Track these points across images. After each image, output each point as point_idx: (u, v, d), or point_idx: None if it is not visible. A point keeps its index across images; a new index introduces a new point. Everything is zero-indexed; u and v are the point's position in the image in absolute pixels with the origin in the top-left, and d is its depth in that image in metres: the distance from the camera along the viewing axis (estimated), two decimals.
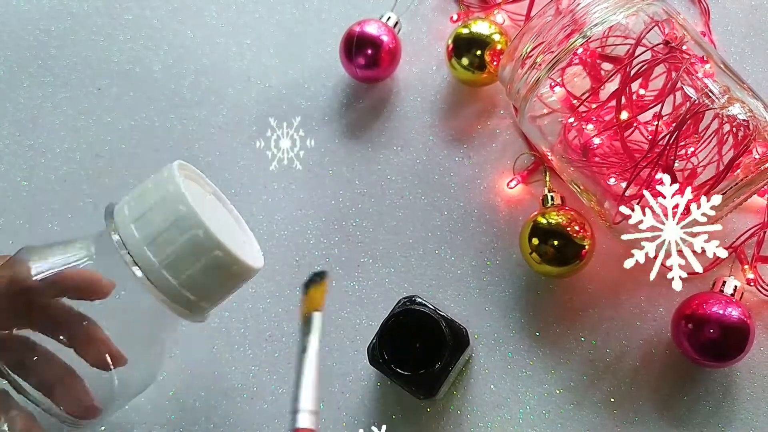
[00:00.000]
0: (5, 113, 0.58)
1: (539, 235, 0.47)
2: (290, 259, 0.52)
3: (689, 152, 0.44)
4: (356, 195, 0.54)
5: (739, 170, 0.42)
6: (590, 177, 0.46)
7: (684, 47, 0.44)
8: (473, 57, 0.52)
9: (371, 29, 0.54)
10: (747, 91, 0.44)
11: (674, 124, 0.42)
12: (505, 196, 0.52)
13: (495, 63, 0.52)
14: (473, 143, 0.54)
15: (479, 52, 0.52)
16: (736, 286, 0.46)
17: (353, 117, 0.56)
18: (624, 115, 0.43)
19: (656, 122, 0.43)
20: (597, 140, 0.45)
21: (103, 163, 0.56)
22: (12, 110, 0.58)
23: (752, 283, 0.47)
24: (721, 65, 0.44)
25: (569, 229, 0.47)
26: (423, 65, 0.57)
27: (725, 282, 0.47)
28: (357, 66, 0.54)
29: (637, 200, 0.43)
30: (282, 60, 0.58)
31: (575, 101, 0.47)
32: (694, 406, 0.47)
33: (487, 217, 0.52)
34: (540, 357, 0.49)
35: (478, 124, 0.55)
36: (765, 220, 0.49)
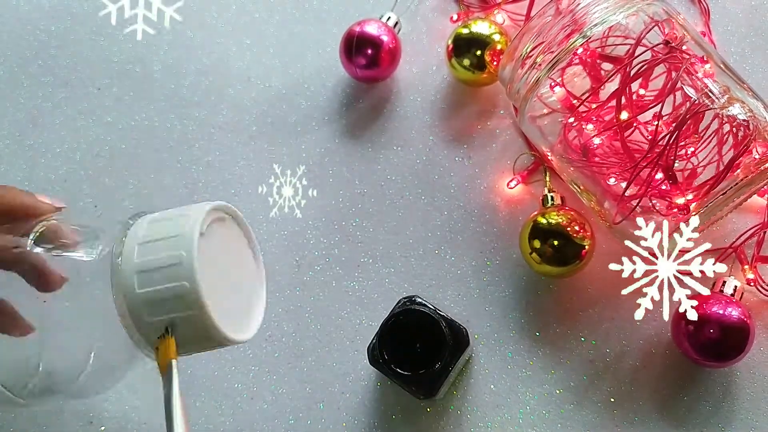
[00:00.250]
0: (5, 113, 0.58)
1: (539, 235, 0.47)
2: (290, 259, 0.52)
3: (689, 152, 0.44)
4: (356, 195, 0.54)
5: (739, 170, 0.42)
6: (590, 177, 0.46)
7: (684, 47, 0.44)
8: (473, 57, 0.52)
9: (371, 29, 0.54)
10: (747, 91, 0.44)
11: (674, 124, 0.42)
12: (505, 196, 0.52)
13: (495, 63, 0.52)
14: (473, 143, 0.54)
15: (479, 52, 0.52)
16: (736, 286, 0.46)
17: (353, 117, 0.56)
18: (624, 115, 0.43)
19: (656, 122, 0.43)
20: (597, 140, 0.45)
21: (103, 163, 0.56)
22: (12, 110, 0.58)
23: (752, 283, 0.47)
24: (721, 65, 0.44)
25: (569, 229, 0.47)
26: (423, 65, 0.56)
27: (725, 282, 0.47)
28: (357, 66, 0.54)
29: (637, 200, 0.43)
30: (282, 60, 0.58)
31: (575, 101, 0.47)
32: (694, 406, 0.47)
33: (487, 217, 0.52)
34: (540, 357, 0.49)
35: (478, 124, 0.55)
36: (765, 220, 0.49)
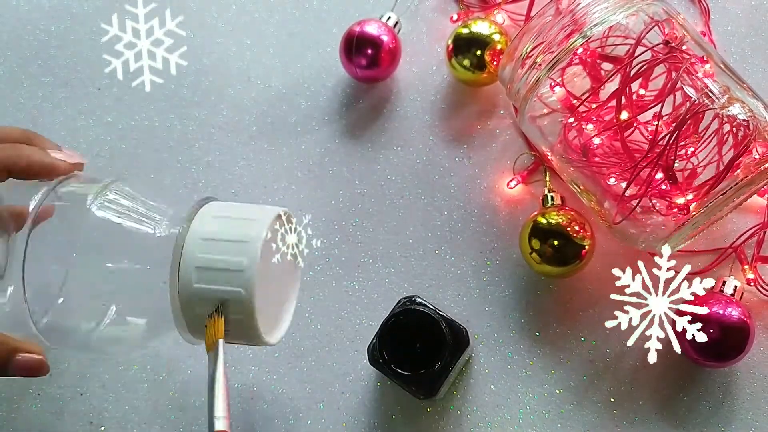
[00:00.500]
0: (5, 113, 0.58)
1: (539, 235, 0.47)
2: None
3: (689, 152, 0.44)
4: (356, 195, 0.54)
5: (739, 170, 0.42)
6: (590, 177, 0.46)
7: (684, 47, 0.44)
8: (473, 57, 0.52)
9: (371, 29, 0.54)
10: (747, 91, 0.44)
11: (674, 124, 0.42)
12: (505, 196, 0.52)
13: (495, 63, 0.52)
14: (473, 143, 0.54)
15: (479, 52, 0.52)
16: (736, 286, 0.46)
17: (353, 117, 0.56)
18: (624, 115, 0.43)
19: (656, 122, 0.43)
20: (597, 140, 0.45)
21: (103, 163, 0.56)
22: (12, 110, 0.58)
23: (752, 283, 0.47)
24: (721, 65, 0.44)
25: (569, 229, 0.47)
26: (423, 65, 0.56)
27: (725, 282, 0.47)
28: (357, 66, 0.54)
29: (637, 200, 0.43)
30: (282, 60, 0.58)
31: (575, 101, 0.47)
32: (694, 406, 0.47)
33: (487, 217, 0.52)
34: (540, 357, 0.49)
35: (478, 124, 0.55)
36: (765, 220, 0.49)
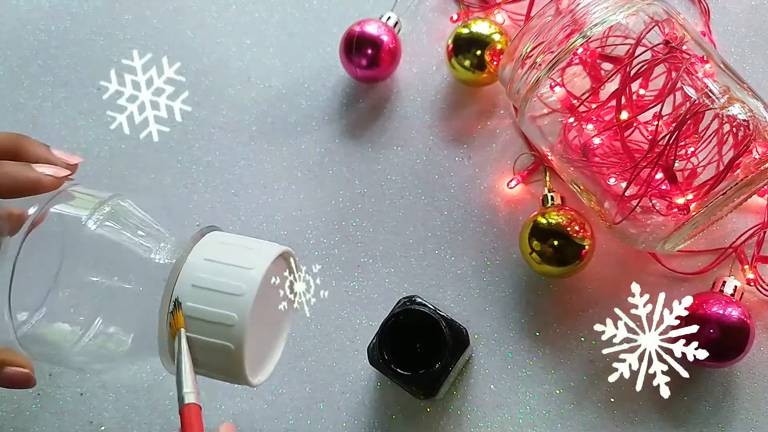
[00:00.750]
0: (5, 113, 0.58)
1: (539, 235, 0.47)
2: None
3: (689, 152, 0.44)
4: (356, 195, 0.54)
5: (739, 170, 0.42)
6: (590, 177, 0.46)
7: (684, 47, 0.44)
8: (473, 57, 0.52)
9: (371, 29, 0.54)
10: (747, 91, 0.44)
11: (674, 124, 0.42)
12: (505, 196, 0.52)
13: (495, 63, 0.52)
14: (473, 143, 0.54)
15: (479, 52, 0.52)
16: (736, 286, 0.46)
17: (353, 117, 0.56)
18: (624, 115, 0.43)
19: (656, 122, 0.43)
20: (597, 140, 0.45)
21: (103, 163, 0.56)
22: (12, 110, 0.58)
23: (752, 283, 0.47)
24: (721, 65, 0.44)
25: (569, 229, 0.47)
26: (423, 65, 0.56)
27: (725, 282, 0.47)
28: (357, 66, 0.54)
29: (637, 200, 0.43)
30: (282, 60, 0.58)
31: (575, 101, 0.47)
32: (694, 406, 0.47)
33: (487, 217, 0.52)
34: (540, 357, 0.49)
35: (478, 124, 0.55)
36: (765, 220, 0.49)
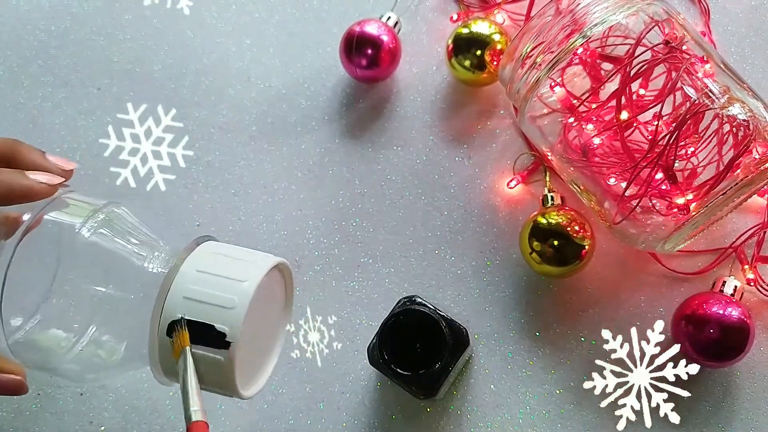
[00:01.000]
0: (5, 113, 0.58)
1: (539, 235, 0.47)
2: (290, 259, 0.52)
3: (689, 152, 0.44)
4: (356, 195, 0.54)
5: (739, 170, 0.42)
6: (590, 177, 0.46)
7: (684, 47, 0.44)
8: (473, 57, 0.52)
9: (371, 29, 0.54)
10: (747, 91, 0.44)
11: (674, 124, 0.42)
12: (505, 196, 0.52)
13: (495, 63, 0.52)
14: (473, 143, 0.54)
15: (479, 52, 0.52)
16: (736, 286, 0.46)
17: (353, 117, 0.56)
18: (624, 115, 0.43)
19: (656, 122, 0.43)
20: (597, 140, 0.45)
21: (103, 163, 0.56)
22: (12, 110, 0.58)
23: (752, 283, 0.47)
24: (721, 65, 0.44)
25: (569, 229, 0.47)
26: (423, 65, 0.56)
27: (725, 282, 0.47)
28: (357, 66, 0.54)
29: (637, 200, 0.43)
30: (282, 60, 0.58)
31: (575, 101, 0.47)
32: (694, 406, 0.47)
33: (487, 217, 0.52)
34: (540, 357, 0.49)
35: (478, 124, 0.55)
36: (765, 220, 0.49)
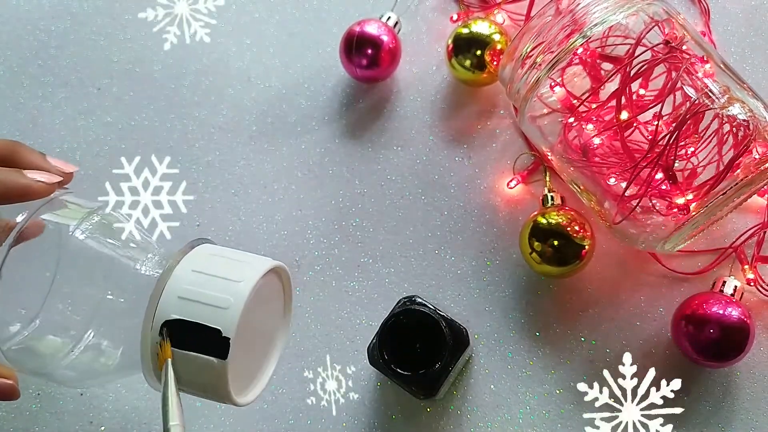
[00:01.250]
0: (5, 113, 0.58)
1: (539, 235, 0.47)
2: (290, 259, 0.52)
3: (689, 152, 0.44)
4: (356, 195, 0.54)
5: (739, 170, 0.42)
6: (590, 177, 0.46)
7: (684, 47, 0.44)
8: (473, 57, 0.52)
9: (371, 29, 0.54)
10: (747, 91, 0.44)
11: (674, 124, 0.42)
12: (505, 196, 0.52)
13: (495, 63, 0.52)
14: (473, 143, 0.54)
15: (479, 52, 0.52)
16: (736, 286, 0.46)
17: (353, 117, 0.56)
18: (624, 115, 0.43)
19: (656, 122, 0.43)
20: (597, 140, 0.45)
21: (103, 163, 0.56)
22: (12, 110, 0.58)
23: (752, 283, 0.47)
24: (721, 65, 0.44)
25: (569, 229, 0.47)
26: (423, 65, 0.56)
27: (725, 282, 0.47)
28: (357, 66, 0.54)
29: (637, 200, 0.43)
30: (282, 60, 0.58)
31: (575, 101, 0.47)
32: (694, 406, 0.47)
33: (487, 217, 0.52)
34: (540, 357, 0.49)
35: (478, 124, 0.55)
36: (765, 220, 0.49)
